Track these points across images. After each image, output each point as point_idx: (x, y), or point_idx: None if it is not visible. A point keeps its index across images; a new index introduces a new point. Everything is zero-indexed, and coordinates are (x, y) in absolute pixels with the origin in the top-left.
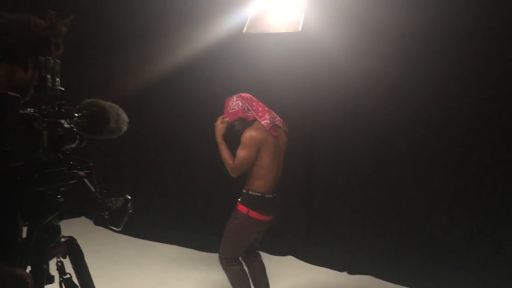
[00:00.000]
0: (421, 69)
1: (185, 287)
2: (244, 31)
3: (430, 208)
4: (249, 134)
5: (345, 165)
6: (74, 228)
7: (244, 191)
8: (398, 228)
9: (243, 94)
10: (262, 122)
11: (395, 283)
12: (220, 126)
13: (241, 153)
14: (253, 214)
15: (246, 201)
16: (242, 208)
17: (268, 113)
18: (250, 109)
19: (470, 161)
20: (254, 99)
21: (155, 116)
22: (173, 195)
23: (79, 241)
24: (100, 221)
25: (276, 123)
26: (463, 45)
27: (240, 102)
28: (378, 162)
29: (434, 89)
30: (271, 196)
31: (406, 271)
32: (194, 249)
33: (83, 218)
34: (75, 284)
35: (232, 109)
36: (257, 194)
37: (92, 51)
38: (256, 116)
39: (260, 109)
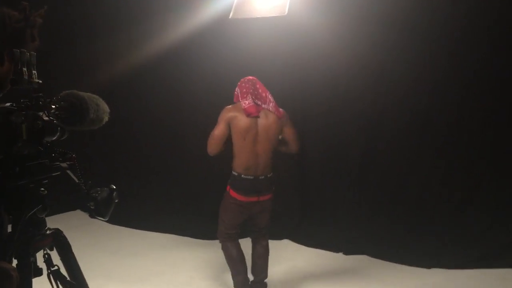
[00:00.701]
0: (409, 53)
1: (182, 275)
2: (230, 16)
3: (422, 188)
4: (222, 111)
5: (338, 148)
6: (69, 221)
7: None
8: (391, 208)
9: (245, 78)
10: (241, 102)
11: (390, 261)
12: None
13: (214, 129)
14: (232, 193)
15: (229, 180)
16: (227, 187)
17: (252, 95)
18: (239, 91)
19: (460, 140)
20: (249, 81)
21: (142, 103)
22: (165, 183)
23: (75, 234)
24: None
25: (263, 105)
26: (451, 31)
27: (237, 87)
28: (370, 144)
29: (423, 73)
30: (249, 177)
31: (400, 249)
32: (189, 236)
33: (78, 211)
34: (64, 275)
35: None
36: (234, 173)
37: (75, 38)
38: (239, 98)
39: (245, 90)
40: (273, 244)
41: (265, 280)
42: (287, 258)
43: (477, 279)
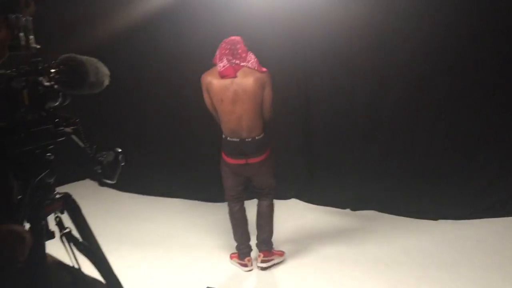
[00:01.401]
0: (412, 16)
1: (193, 238)
2: None
3: (428, 141)
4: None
5: (343, 106)
6: (79, 190)
7: None
8: (397, 163)
9: (228, 38)
10: (217, 66)
11: (397, 215)
12: None
13: None
14: (223, 156)
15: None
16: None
17: (229, 55)
18: (218, 52)
19: (465, 92)
20: (230, 41)
21: (149, 70)
22: (173, 149)
23: (86, 202)
24: (105, 182)
25: (241, 63)
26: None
27: (217, 49)
28: (375, 101)
29: (426, 34)
30: (234, 139)
31: (407, 203)
32: (199, 200)
33: (87, 180)
34: (76, 237)
35: None
36: (223, 136)
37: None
38: (217, 60)
39: (222, 51)
40: (281, 204)
41: (272, 239)
42: (296, 216)
43: (485, 229)
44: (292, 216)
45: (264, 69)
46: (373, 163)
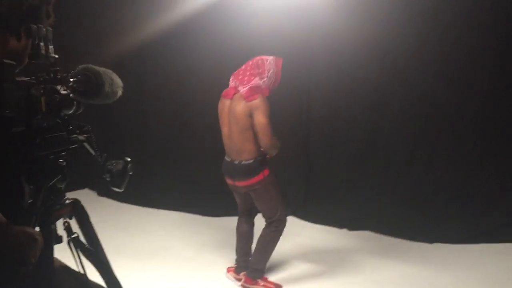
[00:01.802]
0: (416, 32)
1: (189, 251)
2: None
3: (426, 164)
4: None
5: (343, 126)
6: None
7: None
8: (395, 185)
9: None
10: None
11: (393, 237)
12: None
13: None
14: None
15: None
16: None
17: (235, 76)
18: None
19: (464, 117)
20: (249, 61)
21: (151, 83)
22: (174, 162)
23: None
24: (104, 192)
25: (238, 87)
26: (459, 9)
27: None
28: (375, 122)
29: (429, 52)
30: (226, 159)
31: (403, 225)
32: (197, 214)
33: (86, 190)
34: (83, 242)
35: None
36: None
37: (81, 13)
38: None
39: (239, 71)
40: None
41: (264, 270)
42: (293, 234)
43: (479, 254)
44: (289, 233)
45: (255, 97)
46: (371, 184)
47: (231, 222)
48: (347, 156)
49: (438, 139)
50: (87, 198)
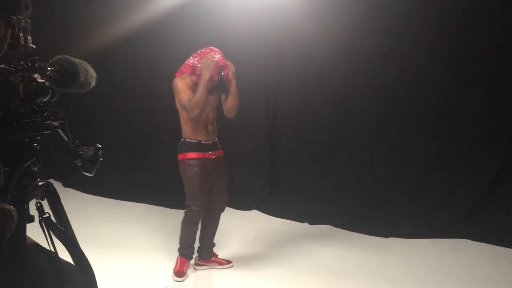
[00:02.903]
0: (378, 31)
1: (154, 240)
2: None
3: (385, 162)
4: None
5: (307, 122)
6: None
7: (217, 138)
8: (355, 181)
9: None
10: None
11: (351, 231)
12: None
13: None
14: None
15: None
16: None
17: None
18: None
19: (422, 116)
20: None
21: (120, 76)
22: (140, 155)
23: None
24: (69, 183)
25: None
26: (419, 9)
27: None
28: (338, 120)
29: (390, 50)
30: None
31: (362, 220)
32: (162, 206)
33: (52, 181)
34: (54, 222)
35: None
36: None
37: (53, 8)
38: None
39: None
40: (242, 214)
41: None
42: (255, 227)
43: (430, 248)
44: (252, 226)
45: (176, 75)
46: (332, 180)
47: None
48: (311, 152)
49: (397, 139)
50: None
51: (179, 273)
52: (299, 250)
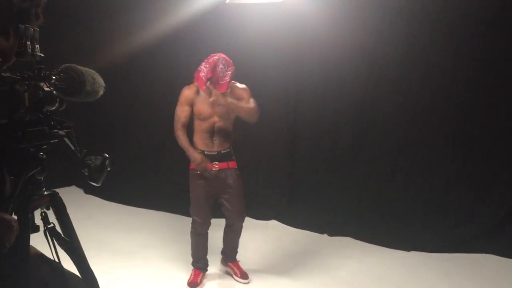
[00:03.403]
0: (402, 40)
1: (169, 249)
2: (227, 1)
3: (408, 173)
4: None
5: (328, 133)
6: (65, 196)
7: (228, 149)
8: (377, 193)
9: (225, 58)
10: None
11: (372, 244)
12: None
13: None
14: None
15: (234, 156)
16: (235, 164)
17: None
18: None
19: (446, 127)
20: None
21: (140, 87)
22: (160, 163)
23: (71, 208)
24: (90, 190)
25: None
26: (444, 15)
27: (232, 71)
28: (359, 130)
29: (414, 59)
30: None
31: (383, 232)
32: (180, 214)
33: (74, 187)
34: (59, 232)
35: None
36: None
37: (75, 20)
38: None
39: None
40: (260, 224)
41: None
42: (274, 238)
43: (454, 263)
44: (270, 236)
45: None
46: (352, 191)
47: (215, 223)
48: (331, 162)
49: (420, 150)
50: (74, 195)
51: (192, 283)
52: (317, 262)
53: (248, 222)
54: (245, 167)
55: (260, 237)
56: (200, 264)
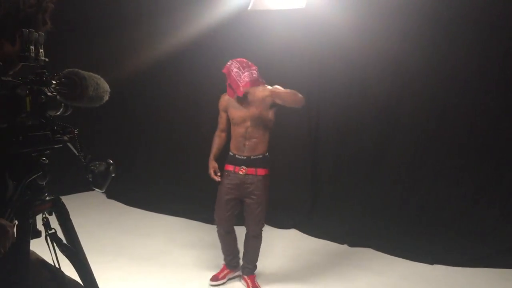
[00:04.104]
0: (426, 45)
1: (187, 256)
2: (249, 7)
3: (432, 185)
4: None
5: (351, 141)
6: (87, 200)
7: (260, 156)
8: (399, 204)
9: (239, 61)
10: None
11: (393, 256)
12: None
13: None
14: (269, 172)
15: (267, 164)
16: (266, 171)
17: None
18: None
19: (474, 135)
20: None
21: (164, 94)
22: (181, 170)
23: (91, 213)
24: (112, 195)
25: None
26: (470, 24)
27: (255, 70)
28: (382, 138)
29: (439, 64)
30: None
31: (405, 244)
32: (200, 221)
33: (96, 192)
34: (60, 238)
35: (255, 76)
36: (268, 155)
37: (95, 26)
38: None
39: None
40: (280, 233)
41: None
42: (293, 247)
43: (479, 278)
44: (289, 245)
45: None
46: (374, 201)
47: (240, 230)
48: (353, 170)
49: (445, 161)
50: (96, 199)
51: (214, 277)
52: (337, 273)
53: (267, 230)
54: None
55: (279, 246)
56: (227, 259)
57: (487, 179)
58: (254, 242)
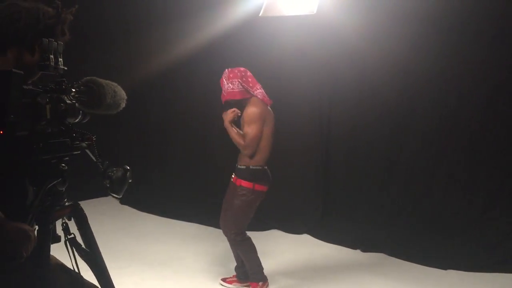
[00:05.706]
0: (437, 52)
1: (201, 262)
2: (260, 14)
3: (446, 190)
4: (253, 110)
5: (363, 146)
6: (101, 206)
7: (243, 167)
8: (412, 208)
9: (235, 70)
10: (257, 94)
11: (406, 261)
12: (230, 114)
13: (250, 129)
14: (258, 187)
15: (249, 176)
16: (246, 184)
17: (257, 84)
18: (245, 85)
19: (485, 144)
20: (247, 72)
21: (178, 100)
22: (193, 176)
23: (106, 218)
24: (126, 200)
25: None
26: (481, 30)
27: (236, 82)
28: (394, 143)
29: (451, 71)
30: (266, 167)
31: (418, 249)
32: (213, 227)
33: (110, 198)
34: (79, 243)
35: (232, 89)
36: (258, 167)
37: (110, 35)
38: (251, 91)
39: (250, 79)
40: (292, 238)
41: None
42: (306, 252)
43: (492, 283)
44: (302, 251)
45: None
46: (387, 207)
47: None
48: (366, 177)
49: (458, 165)
50: (110, 205)
51: (224, 278)
52: (350, 278)
53: (279, 235)
54: (277, 179)
55: (291, 251)
56: (235, 267)
57: (501, 184)
58: (236, 248)
